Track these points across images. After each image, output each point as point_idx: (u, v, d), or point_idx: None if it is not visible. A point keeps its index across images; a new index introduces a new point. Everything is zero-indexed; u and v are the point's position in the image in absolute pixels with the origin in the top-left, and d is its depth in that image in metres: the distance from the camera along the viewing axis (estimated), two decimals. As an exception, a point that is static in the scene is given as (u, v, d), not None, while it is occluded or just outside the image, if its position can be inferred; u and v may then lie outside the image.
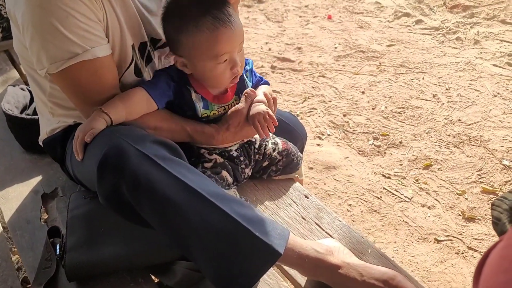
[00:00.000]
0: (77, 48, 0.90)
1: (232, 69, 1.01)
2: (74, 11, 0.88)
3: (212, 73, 1.01)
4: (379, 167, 2.09)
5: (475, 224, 1.78)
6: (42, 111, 1.15)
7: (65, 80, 0.95)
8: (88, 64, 0.92)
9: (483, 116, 2.37)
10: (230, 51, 0.98)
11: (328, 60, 2.97)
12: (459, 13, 3.38)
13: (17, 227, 1.13)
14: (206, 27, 0.95)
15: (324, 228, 1.07)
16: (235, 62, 0.99)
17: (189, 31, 0.96)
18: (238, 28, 0.98)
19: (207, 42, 0.96)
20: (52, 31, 0.87)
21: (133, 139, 0.87)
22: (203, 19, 0.95)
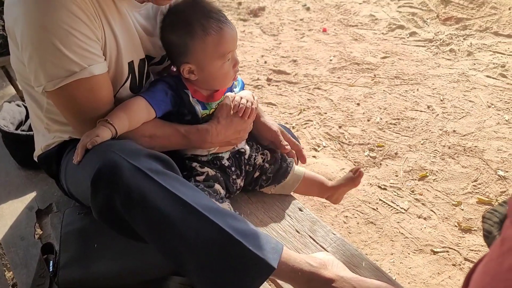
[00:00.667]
0: (75, 67, 0.91)
1: (234, 67, 1.10)
2: (74, 30, 0.89)
3: (219, 72, 1.08)
4: (375, 178, 2.09)
5: (472, 235, 1.78)
6: (37, 127, 1.16)
7: (62, 97, 0.96)
8: (85, 81, 0.93)
9: (477, 127, 2.39)
10: (233, 49, 1.08)
11: (323, 72, 2.99)
12: (452, 25, 3.42)
13: (11, 244, 1.13)
14: (212, 29, 1.03)
15: (318, 242, 1.07)
16: (236, 60, 1.10)
17: (198, 35, 1.02)
18: (235, 28, 1.08)
19: (215, 43, 1.04)
20: (51, 50, 0.89)
21: (127, 153, 0.88)
22: (208, 23, 1.02)
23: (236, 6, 4.02)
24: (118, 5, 0.99)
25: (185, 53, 1.05)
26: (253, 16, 3.87)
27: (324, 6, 3.96)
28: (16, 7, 0.90)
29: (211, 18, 1.03)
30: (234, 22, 3.72)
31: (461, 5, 3.56)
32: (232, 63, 1.09)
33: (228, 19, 1.07)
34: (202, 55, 1.04)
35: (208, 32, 1.02)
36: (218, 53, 1.05)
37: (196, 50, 1.04)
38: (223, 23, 1.04)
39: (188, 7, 1.05)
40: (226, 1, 4.10)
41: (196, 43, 1.03)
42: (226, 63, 1.07)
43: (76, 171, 1.01)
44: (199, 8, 1.04)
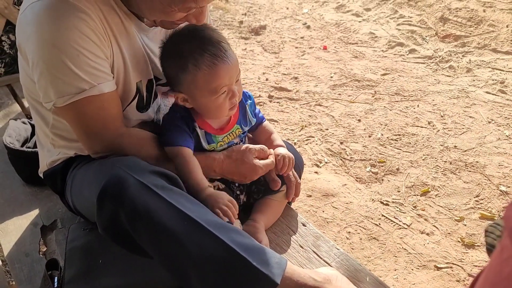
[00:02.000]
0: (84, 85, 0.93)
1: (231, 99, 1.05)
2: (84, 49, 0.92)
3: (212, 105, 1.05)
4: (377, 194, 2.10)
5: (475, 251, 1.78)
6: (43, 143, 1.17)
7: (71, 113, 0.99)
8: (94, 99, 0.96)
9: (478, 142, 2.40)
10: (228, 84, 1.03)
11: (324, 89, 3.02)
12: (451, 43, 3.47)
13: (16, 260, 1.13)
14: (205, 65, 0.99)
15: (322, 257, 1.08)
16: (233, 92, 1.05)
17: (189, 70, 1.00)
18: (234, 61, 1.03)
19: (207, 79, 1.00)
20: (62, 68, 0.91)
21: (133, 169, 0.89)
22: (201, 58, 0.99)
23: (238, 24, 4.08)
24: (126, 26, 1.01)
25: (177, 84, 1.05)
26: (254, 34, 3.93)
27: (324, 24, 4.03)
28: (29, 26, 0.92)
29: (206, 52, 0.99)
30: (235, 41, 3.78)
31: (459, 23, 3.62)
32: (229, 96, 1.05)
33: (227, 51, 1.02)
34: (193, 89, 1.03)
35: (199, 68, 0.99)
36: (210, 88, 1.02)
37: (187, 83, 1.02)
38: (219, 57, 0.99)
39: (186, 37, 1.02)
40: (227, 20, 4.17)
41: (187, 77, 1.01)
42: (220, 96, 1.04)
43: (82, 187, 1.02)
44: (196, 39, 1.01)
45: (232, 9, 4.42)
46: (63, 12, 0.89)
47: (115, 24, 0.99)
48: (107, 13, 0.96)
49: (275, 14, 4.27)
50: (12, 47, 2.26)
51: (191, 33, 1.03)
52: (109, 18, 0.97)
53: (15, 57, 2.26)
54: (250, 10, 4.38)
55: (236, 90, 1.05)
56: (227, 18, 4.22)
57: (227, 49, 1.02)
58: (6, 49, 2.25)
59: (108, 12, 0.97)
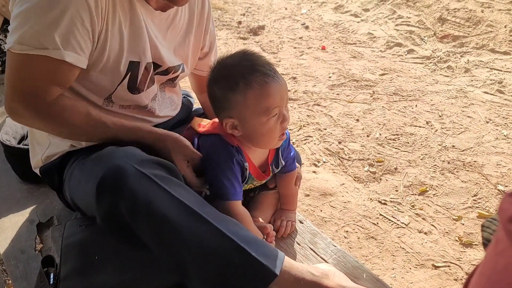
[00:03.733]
0: (50, 44, 0.89)
1: (282, 124, 1.01)
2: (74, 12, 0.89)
3: (263, 128, 1.00)
4: (375, 193, 2.09)
5: (473, 250, 1.77)
6: (36, 134, 1.15)
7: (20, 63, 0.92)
8: (51, 61, 0.91)
9: (476, 142, 2.40)
10: (279, 105, 0.99)
11: (323, 89, 3.02)
12: (449, 43, 3.47)
13: (12, 257, 1.12)
14: (256, 82, 0.96)
15: (319, 253, 1.07)
16: (284, 116, 1.01)
17: (240, 88, 0.97)
18: (284, 83, 1.00)
19: (258, 97, 0.97)
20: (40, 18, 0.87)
21: (132, 159, 0.88)
22: (252, 76, 0.97)
23: (236, 25, 4.08)
24: (132, 4, 1.00)
25: (227, 107, 1.01)
26: (253, 34, 3.93)
27: (323, 24, 4.03)
28: None
29: (256, 71, 0.97)
30: (234, 41, 3.79)
31: (458, 23, 3.62)
32: (280, 119, 1.00)
33: (277, 73, 1.00)
34: (244, 110, 0.98)
35: (251, 86, 0.96)
36: (261, 108, 0.97)
37: (238, 104, 0.98)
38: (269, 76, 0.97)
39: (235, 61, 1.01)
40: (226, 20, 4.18)
41: (238, 96, 0.97)
42: (271, 119, 0.99)
43: (80, 180, 1.02)
44: (245, 62, 0.99)
45: (231, 9, 4.42)
46: None
47: (122, 1, 0.97)
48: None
49: (273, 15, 4.28)
50: (10, 45, 2.26)
51: (239, 58, 1.01)
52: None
53: (13, 55, 2.25)
54: (248, 11, 4.39)
55: (286, 114, 1.01)
56: (226, 18, 4.22)
57: (276, 71, 1.00)
58: (3, 48, 2.25)
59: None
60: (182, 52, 1.19)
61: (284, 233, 1.17)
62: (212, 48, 1.31)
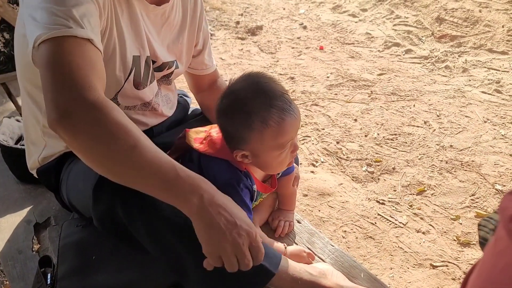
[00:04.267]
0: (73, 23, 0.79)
1: (292, 153, 1.00)
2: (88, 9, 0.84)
3: (276, 161, 0.99)
4: (373, 193, 2.10)
5: (471, 249, 1.78)
6: (32, 134, 1.13)
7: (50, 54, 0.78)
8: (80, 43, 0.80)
9: (474, 141, 2.40)
10: (294, 137, 0.98)
11: (321, 89, 3.03)
12: (447, 43, 3.48)
13: (9, 258, 1.12)
14: (273, 121, 0.93)
15: (317, 253, 1.07)
16: (296, 146, 1.00)
17: (256, 127, 0.93)
18: (298, 114, 0.97)
19: (275, 135, 0.94)
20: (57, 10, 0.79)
21: None
22: (269, 114, 0.93)
23: (234, 25, 4.08)
24: (129, 0, 1.00)
25: (240, 141, 0.97)
26: (251, 34, 3.93)
27: (321, 24, 4.03)
28: None
29: (273, 107, 0.92)
30: (232, 41, 3.79)
31: (455, 23, 3.63)
32: (291, 149, 0.99)
33: (292, 104, 0.95)
34: (260, 146, 0.96)
35: (268, 124, 0.92)
36: (277, 144, 0.96)
37: (253, 140, 0.95)
38: (286, 111, 0.93)
39: (249, 93, 0.95)
40: (224, 20, 4.17)
41: (254, 135, 0.94)
42: (285, 151, 0.98)
43: (77, 180, 1.02)
44: (260, 95, 0.93)
45: (229, 9, 4.42)
46: None
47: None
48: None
49: (271, 15, 4.28)
50: (7, 45, 2.25)
51: (253, 89, 0.96)
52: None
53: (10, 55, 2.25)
54: (246, 11, 4.39)
55: (297, 143, 1.00)
56: (224, 18, 4.22)
57: (291, 101, 0.97)
58: (1, 47, 2.24)
59: None
60: (175, 49, 1.20)
61: (282, 233, 1.17)
62: (206, 46, 1.31)
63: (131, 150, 0.74)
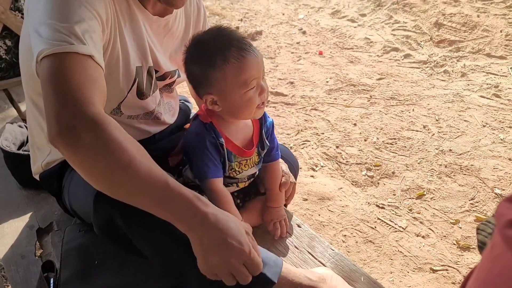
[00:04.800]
0: (75, 39, 0.81)
1: (261, 95, 1.05)
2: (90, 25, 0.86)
3: (243, 100, 1.04)
4: (373, 197, 2.11)
5: (470, 253, 1.78)
6: (36, 140, 1.14)
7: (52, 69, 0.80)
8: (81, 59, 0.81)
9: (473, 146, 2.42)
10: (257, 76, 1.04)
11: (320, 93, 3.04)
12: (445, 48, 3.50)
13: (12, 263, 1.13)
14: (233, 57, 1.00)
15: (317, 257, 1.08)
16: (262, 87, 1.05)
17: (218, 65, 1.00)
18: (260, 55, 1.05)
19: (236, 72, 1.01)
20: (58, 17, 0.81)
21: None
22: (229, 51, 1.00)
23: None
24: (132, 10, 1.01)
25: (207, 84, 1.03)
26: (250, 39, 3.94)
27: (320, 30, 4.06)
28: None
29: (232, 46, 1.00)
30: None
31: (454, 28, 3.65)
32: (258, 91, 1.05)
33: (252, 46, 1.03)
34: (224, 85, 1.02)
35: (228, 61, 1.00)
36: (240, 81, 1.01)
37: (218, 80, 1.02)
38: (245, 50, 1.01)
39: (210, 38, 1.03)
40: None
41: (216, 73, 1.01)
42: (250, 90, 1.04)
43: (78, 188, 1.03)
44: (220, 38, 1.02)
45: (229, 15, 4.45)
46: None
47: (120, 4, 0.98)
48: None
49: (271, 20, 4.30)
50: (9, 52, 2.27)
51: (214, 34, 1.04)
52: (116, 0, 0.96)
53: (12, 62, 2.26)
54: (246, 16, 4.41)
55: (264, 85, 1.06)
56: (224, 23, 4.24)
57: (251, 45, 1.04)
58: (2, 54, 2.26)
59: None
60: (177, 58, 1.21)
61: (282, 234, 1.17)
62: None
63: (126, 167, 0.75)
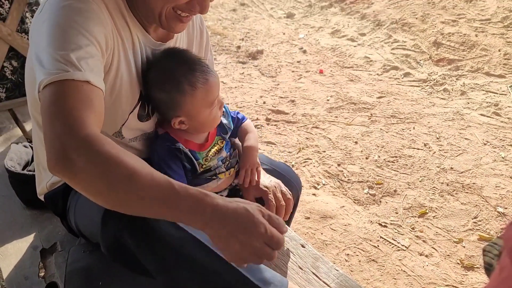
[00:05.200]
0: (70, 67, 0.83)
1: (220, 109, 1.15)
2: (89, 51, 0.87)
3: (209, 118, 1.13)
4: (375, 215, 2.10)
5: (475, 273, 1.77)
6: (42, 160, 1.16)
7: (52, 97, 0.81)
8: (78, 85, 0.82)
9: (474, 164, 2.42)
10: (218, 94, 1.12)
11: (321, 112, 3.06)
12: (444, 66, 3.54)
13: (15, 284, 1.12)
14: (200, 82, 1.07)
15: (321, 278, 1.08)
16: (221, 102, 1.15)
17: (186, 90, 1.06)
18: (216, 73, 1.12)
19: (203, 95, 1.08)
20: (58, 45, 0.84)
21: None
22: (194, 77, 1.06)
23: (235, 49, 4.16)
24: (133, 34, 1.03)
25: (175, 108, 1.08)
26: (251, 58, 4.00)
27: (320, 49, 4.11)
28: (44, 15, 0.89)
29: (196, 71, 1.07)
30: (233, 65, 3.85)
31: (453, 47, 3.70)
32: (219, 106, 1.14)
33: (208, 66, 1.11)
34: (192, 107, 1.08)
35: (195, 86, 1.06)
36: (207, 103, 1.10)
37: (186, 103, 1.07)
38: (207, 73, 1.08)
39: (171, 62, 1.06)
40: (225, 45, 4.25)
41: (186, 98, 1.06)
42: (215, 108, 1.12)
43: (84, 207, 1.03)
44: (183, 63, 1.07)
45: (230, 34, 4.51)
46: (80, 4, 0.88)
47: (123, 29, 1.00)
48: (116, 18, 0.97)
49: (271, 39, 4.36)
50: (14, 72, 2.30)
51: (173, 58, 1.08)
52: (118, 22, 0.98)
53: (17, 82, 2.29)
54: (247, 36, 4.47)
55: (221, 99, 1.15)
56: (225, 43, 4.30)
57: (206, 64, 1.11)
58: (8, 74, 2.29)
59: (117, 17, 0.98)
60: None
61: (252, 182, 1.18)
62: None
63: (128, 181, 0.75)
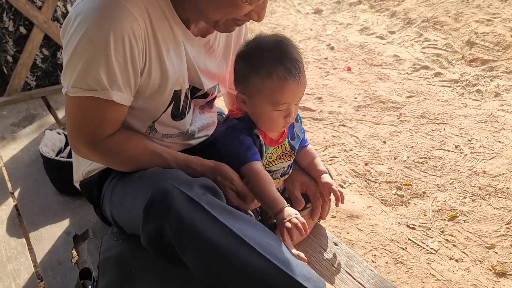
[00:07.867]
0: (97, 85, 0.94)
1: (286, 118, 1.08)
2: (116, 54, 0.92)
3: (267, 116, 1.08)
4: (403, 217, 2.06)
5: (507, 280, 1.72)
6: None
7: (74, 105, 1.00)
8: (100, 102, 0.96)
9: (508, 168, 2.35)
10: (290, 102, 1.05)
11: (348, 110, 3.02)
12: (478, 67, 3.44)
13: (49, 268, 1.14)
14: (277, 75, 1.02)
15: (355, 277, 1.06)
16: (290, 112, 1.08)
17: (260, 74, 1.04)
18: (303, 83, 1.05)
19: (273, 89, 1.03)
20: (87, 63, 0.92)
21: (179, 183, 0.90)
22: (276, 68, 1.02)
23: (262, 44, 4.14)
24: (175, 34, 1.02)
25: (244, 83, 1.08)
26: (278, 54, 3.97)
27: (348, 46, 4.05)
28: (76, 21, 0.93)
29: (282, 65, 1.02)
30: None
31: (487, 47, 3.59)
32: (285, 114, 1.07)
33: (301, 72, 1.05)
34: (257, 93, 1.06)
35: (271, 76, 1.02)
36: (272, 99, 1.04)
37: (255, 85, 1.05)
38: (292, 74, 1.03)
39: (269, 46, 1.06)
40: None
41: (257, 80, 1.04)
42: (277, 111, 1.06)
43: (123, 198, 1.03)
44: (277, 51, 1.04)
45: (257, 29, 4.49)
46: (111, 13, 0.89)
47: (163, 31, 0.99)
48: (156, 20, 0.96)
49: (299, 35, 4.32)
50: (45, 61, 2.33)
51: (276, 43, 1.06)
52: (156, 24, 0.97)
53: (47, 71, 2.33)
54: (274, 31, 4.45)
55: (293, 111, 1.07)
56: (252, 38, 4.29)
57: (301, 69, 1.05)
58: (39, 62, 2.33)
59: (157, 19, 0.97)
60: (219, 74, 1.22)
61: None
62: None
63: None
